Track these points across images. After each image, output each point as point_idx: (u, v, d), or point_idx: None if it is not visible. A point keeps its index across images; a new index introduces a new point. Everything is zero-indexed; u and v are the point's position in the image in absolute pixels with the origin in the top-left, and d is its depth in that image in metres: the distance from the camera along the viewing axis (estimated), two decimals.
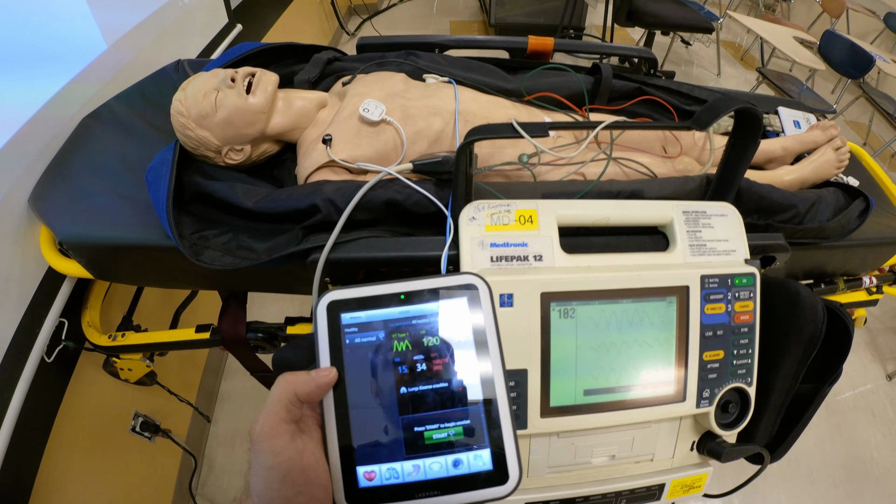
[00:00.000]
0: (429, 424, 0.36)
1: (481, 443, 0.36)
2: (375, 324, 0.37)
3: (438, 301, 0.37)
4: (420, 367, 0.37)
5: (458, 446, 0.36)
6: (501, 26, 3.56)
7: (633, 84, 0.96)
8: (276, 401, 0.34)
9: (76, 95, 0.95)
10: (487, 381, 0.37)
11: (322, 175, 0.74)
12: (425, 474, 0.36)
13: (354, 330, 0.37)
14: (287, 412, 0.34)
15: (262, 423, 0.33)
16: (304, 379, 0.35)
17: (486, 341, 0.37)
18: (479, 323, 0.37)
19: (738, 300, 0.61)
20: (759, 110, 0.61)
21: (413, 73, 0.89)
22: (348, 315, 0.37)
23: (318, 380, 0.35)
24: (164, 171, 0.71)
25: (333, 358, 0.36)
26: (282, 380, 0.35)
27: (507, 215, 0.57)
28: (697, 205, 0.64)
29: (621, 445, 0.62)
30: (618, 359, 0.56)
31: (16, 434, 0.78)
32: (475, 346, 0.37)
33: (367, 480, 0.35)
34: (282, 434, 0.33)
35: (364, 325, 0.37)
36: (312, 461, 0.34)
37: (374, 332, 0.37)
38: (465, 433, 0.36)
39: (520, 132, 0.52)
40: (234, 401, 1.65)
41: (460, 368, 0.37)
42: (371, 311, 0.37)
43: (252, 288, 0.86)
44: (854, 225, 0.85)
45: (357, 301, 0.37)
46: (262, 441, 0.33)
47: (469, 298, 0.38)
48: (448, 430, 0.36)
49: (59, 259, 0.81)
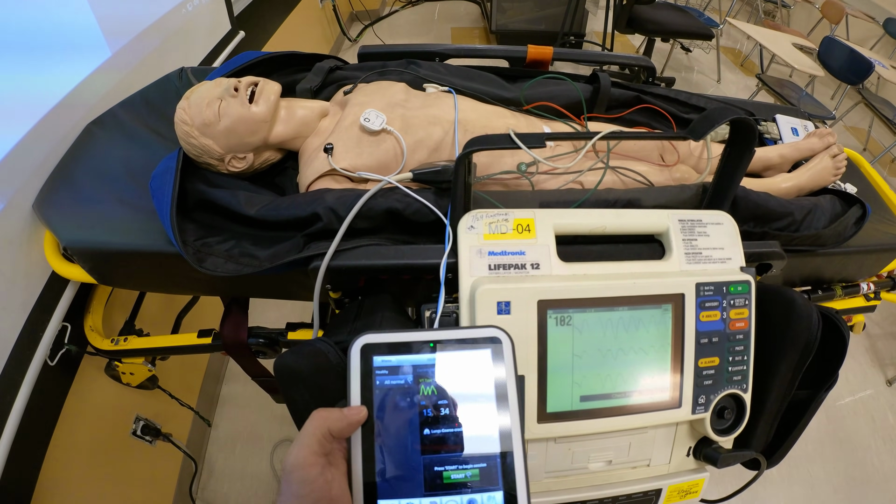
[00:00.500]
0: (448, 465, 0.39)
1: (495, 485, 0.39)
2: (405, 368, 0.40)
3: (464, 350, 0.41)
4: (443, 411, 0.40)
5: (473, 487, 0.39)
6: (502, 33, 3.58)
7: (631, 93, 0.98)
8: (310, 434, 0.36)
9: (80, 101, 0.96)
10: (505, 427, 0.39)
11: (324, 183, 0.75)
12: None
13: (385, 372, 0.40)
14: (319, 446, 0.36)
15: (295, 455, 0.36)
16: (338, 416, 0.38)
17: (505, 391, 0.40)
18: (501, 373, 0.40)
19: (733, 307, 0.62)
20: (753, 121, 0.62)
21: (413, 82, 0.90)
22: (380, 358, 0.40)
23: (350, 418, 0.38)
24: (167, 178, 0.72)
25: (364, 397, 0.39)
26: (317, 415, 0.38)
27: (504, 224, 0.58)
28: (693, 213, 0.65)
29: (618, 451, 0.62)
30: (614, 365, 0.57)
31: (18, 437, 0.79)
32: (495, 395, 0.40)
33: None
34: (313, 465, 0.36)
35: (394, 369, 0.40)
36: (339, 492, 0.37)
37: (403, 375, 0.40)
38: (481, 475, 0.39)
39: (517, 143, 0.53)
40: (235, 405, 1.66)
41: (480, 414, 0.40)
42: (401, 356, 0.40)
43: (254, 294, 0.86)
44: (851, 232, 0.85)
45: (389, 346, 0.40)
46: (295, 471, 0.35)
47: (493, 350, 0.41)
48: (465, 471, 0.39)
49: (63, 264, 0.83)
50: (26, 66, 0.87)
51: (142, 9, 1.23)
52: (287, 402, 0.52)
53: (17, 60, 0.84)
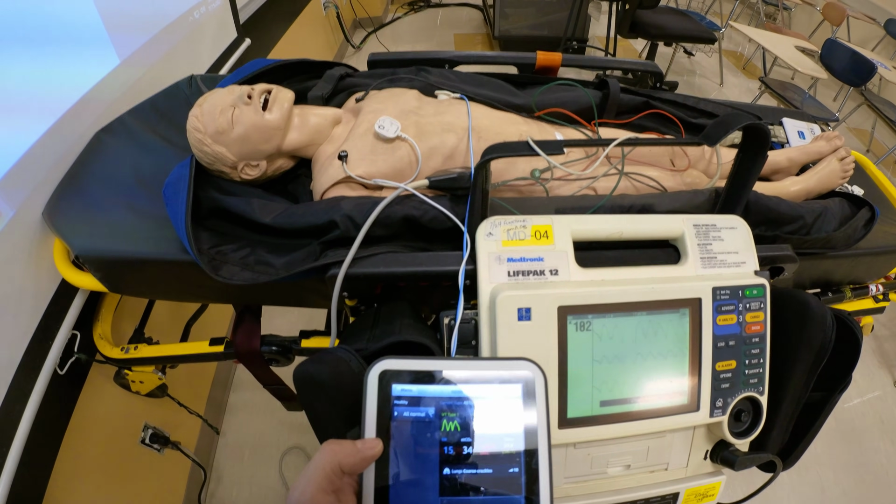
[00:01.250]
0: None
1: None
2: (427, 399, 0.37)
3: (493, 385, 0.37)
4: (466, 450, 0.36)
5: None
6: (505, 39, 3.59)
7: (640, 98, 0.98)
8: (319, 469, 0.33)
9: (89, 109, 0.97)
10: (532, 472, 0.36)
11: (338, 191, 0.75)
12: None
13: (404, 403, 0.36)
14: (328, 482, 0.34)
15: (301, 491, 0.33)
16: (350, 450, 0.34)
17: (535, 432, 0.37)
18: (531, 412, 0.37)
19: (748, 311, 0.62)
20: (766, 126, 0.63)
21: (425, 89, 0.90)
22: (399, 387, 0.37)
23: (364, 452, 0.35)
24: (181, 186, 0.72)
25: (380, 428, 0.36)
26: (327, 448, 0.35)
27: (522, 231, 0.58)
28: (707, 218, 0.65)
29: (636, 455, 0.63)
30: (633, 370, 0.57)
31: (28, 444, 0.79)
32: (524, 436, 0.37)
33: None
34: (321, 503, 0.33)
35: (415, 400, 0.37)
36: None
37: (424, 408, 0.36)
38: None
39: (536, 150, 0.53)
40: (243, 413, 1.66)
41: (506, 456, 0.36)
42: (423, 386, 0.37)
43: (267, 302, 0.86)
44: (860, 234, 0.85)
45: (410, 374, 0.37)
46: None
47: (524, 387, 0.38)
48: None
49: (73, 272, 0.82)
50: (35, 74, 0.87)
51: (150, 17, 1.24)
52: (307, 412, 0.51)
53: (25, 69, 0.85)
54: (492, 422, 0.36)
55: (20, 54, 0.83)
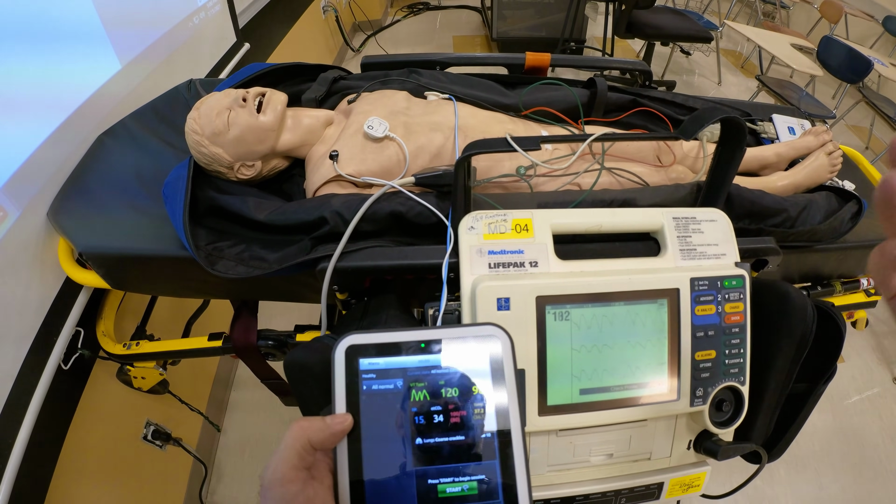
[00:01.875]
0: (443, 477, 0.35)
1: (495, 499, 0.35)
2: (394, 371, 0.36)
3: (460, 351, 0.37)
4: (437, 418, 0.36)
5: (471, 501, 0.35)
6: (504, 40, 3.62)
7: (628, 96, 1.00)
8: (289, 447, 0.33)
9: (92, 113, 1.00)
10: (504, 435, 0.36)
11: (329, 189, 0.77)
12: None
13: (372, 376, 0.36)
14: (299, 459, 0.33)
15: (273, 469, 0.33)
16: (319, 426, 0.34)
17: (504, 395, 0.37)
18: (499, 376, 0.37)
19: (728, 301, 0.63)
20: (743, 119, 0.64)
21: (415, 90, 0.93)
22: (367, 361, 0.36)
23: (332, 427, 0.34)
24: (179, 185, 0.75)
25: (349, 404, 0.36)
26: (296, 426, 0.34)
27: (503, 224, 0.60)
28: (687, 211, 0.67)
29: (619, 444, 0.64)
30: (612, 359, 0.59)
31: (32, 438, 0.81)
32: (494, 400, 0.37)
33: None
34: (293, 481, 0.33)
35: (382, 372, 0.36)
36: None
37: (393, 379, 0.36)
38: (480, 488, 0.35)
39: (513, 146, 0.55)
40: (244, 411, 1.68)
41: (478, 421, 0.36)
42: (390, 357, 0.37)
43: (263, 297, 0.89)
44: (847, 227, 0.86)
45: (376, 347, 0.37)
46: (274, 488, 0.32)
47: (491, 351, 0.37)
48: (462, 483, 0.35)
49: (77, 270, 0.85)
50: (39, 80, 0.90)
51: (150, 23, 1.26)
52: (297, 398, 0.54)
53: (29, 74, 0.88)
54: (461, 388, 0.37)
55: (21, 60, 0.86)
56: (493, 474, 0.36)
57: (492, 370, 0.37)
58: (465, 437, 0.36)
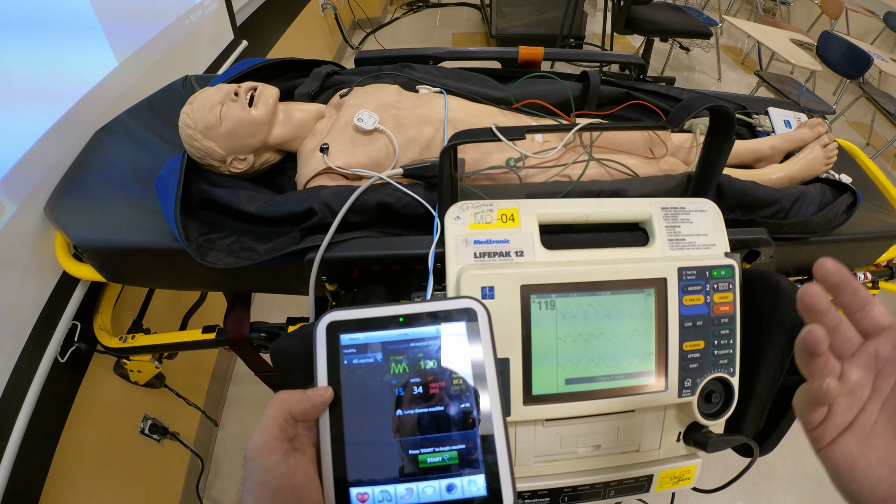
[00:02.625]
0: (423, 448, 0.36)
1: (476, 468, 0.36)
2: (373, 345, 0.37)
3: (437, 325, 0.38)
4: (416, 389, 0.37)
5: (452, 470, 0.36)
6: (503, 37, 3.61)
7: (621, 90, 1.00)
8: (270, 418, 0.34)
9: (89, 110, 1.00)
10: (484, 405, 0.37)
11: (320, 181, 0.78)
12: (418, 498, 0.36)
13: (353, 351, 0.37)
14: (281, 430, 0.34)
15: (255, 440, 0.33)
16: (300, 398, 0.35)
17: (482, 366, 0.37)
18: (477, 347, 0.38)
19: (717, 291, 0.63)
20: (732, 109, 0.64)
21: (407, 84, 0.93)
22: (347, 336, 0.37)
23: (313, 398, 0.35)
24: (172, 179, 0.76)
25: (331, 378, 0.37)
26: (277, 397, 0.35)
27: (489, 214, 0.60)
28: (676, 201, 0.66)
29: (606, 436, 0.64)
30: (598, 349, 0.59)
31: (29, 431, 0.82)
32: (472, 371, 0.37)
33: (359, 502, 0.35)
34: (275, 451, 0.33)
35: (362, 347, 0.37)
36: (305, 480, 0.34)
37: (372, 353, 0.37)
38: (460, 457, 0.36)
39: (498, 136, 0.55)
40: (242, 406, 1.69)
41: (457, 392, 0.37)
42: (370, 332, 0.38)
43: (254, 288, 0.89)
44: (841, 219, 0.86)
45: (356, 322, 0.38)
46: (255, 457, 0.33)
47: (468, 323, 0.38)
48: (443, 454, 0.36)
49: (74, 264, 0.86)
50: (36, 77, 0.91)
51: (147, 20, 1.27)
52: (284, 386, 0.54)
53: (26, 70, 0.88)
54: (439, 360, 0.38)
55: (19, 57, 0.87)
56: (474, 443, 0.36)
57: (469, 341, 0.38)
58: (445, 407, 0.37)
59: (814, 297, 0.30)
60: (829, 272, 0.30)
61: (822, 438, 0.32)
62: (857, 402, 0.31)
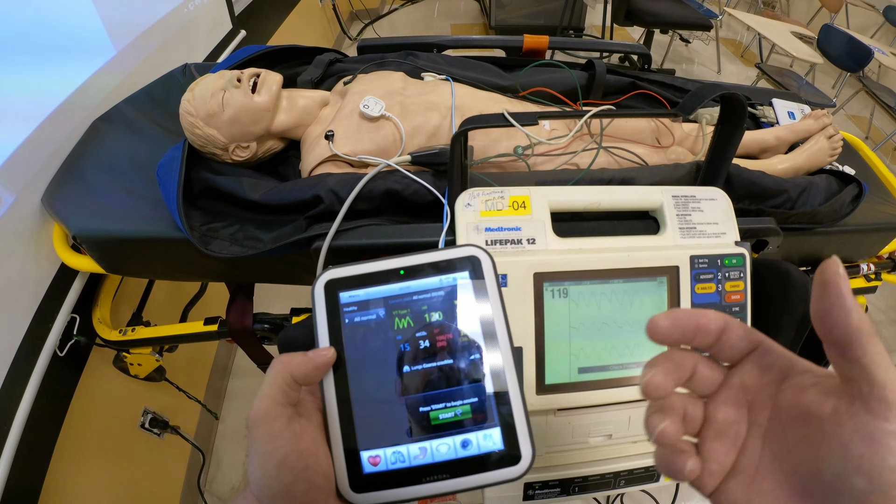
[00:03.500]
0: (434, 404, 0.34)
1: (491, 421, 0.34)
2: (375, 301, 0.35)
3: (440, 275, 0.36)
4: (423, 343, 0.35)
5: (466, 426, 0.34)
6: (502, 28, 3.59)
7: (626, 79, 0.99)
8: (272, 383, 0.32)
9: (86, 99, 0.99)
10: (494, 355, 0.35)
11: (325, 169, 0.76)
12: (433, 457, 0.34)
13: (353, 309, 0.35)
14: (283, 395, 0.32)
15: (257, 407, 0.32)
16: (301, 360, 0.33)
17: (490, 314, 0.35)
18: (483, 296, 0.35)
19: (728, 280, 0.63)
20: (742, 95, 0.63)
21: (412, 72, 0.92)
22: (347, 294, 0.35)
23: (315, 360, 0.33)
24: (173, 167, 0.74)
25: (332, 338, 0.35)
26: (277, 361, 0.33)
27: (500, 201, 0.59)
28: (687, 189, 0.66)
29: (618, 425, 0.63)
30: (611, 337, 0.58)
31: (28, 427, 0.81)
32: (479, 320, 0.35)
33: (371, 465, 0.34)
34: (278, 417, 0.31)
35: (363, 304, 0.35)
36: (311, 446, 0.32)
37: (374, 309, 0.35)
38: (473, 412, 0.34)
39: (510, 121, 0.54)
40: (242, 399, 1.68)
41: (465, 344, 0.35)
42: (370, 288, 0.35)
43: (258, 279, 0.88)
44: (847, 210, 0.86)
45: (355, 279, 0.35)
46: (258, 425, 0.31)
47: (472, 271, 0.36)
48: (455, 409, 0.34)
49: (72, 255, 0.84)
50: (34, 66, 0.89)
51: (145, 9, 1.25)
52: None
53: (25, 60, 0.87)
54: (444, 312, 0.35)
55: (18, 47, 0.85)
56: (486, 396, 0.34)
57: (475, 291, 0.36)
58: (454, 360, 0.35)
59: (657, 388, 0.27)
60: (665, 331, 0.28)
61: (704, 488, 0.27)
62: (734, 441, 0.27)
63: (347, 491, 0.33)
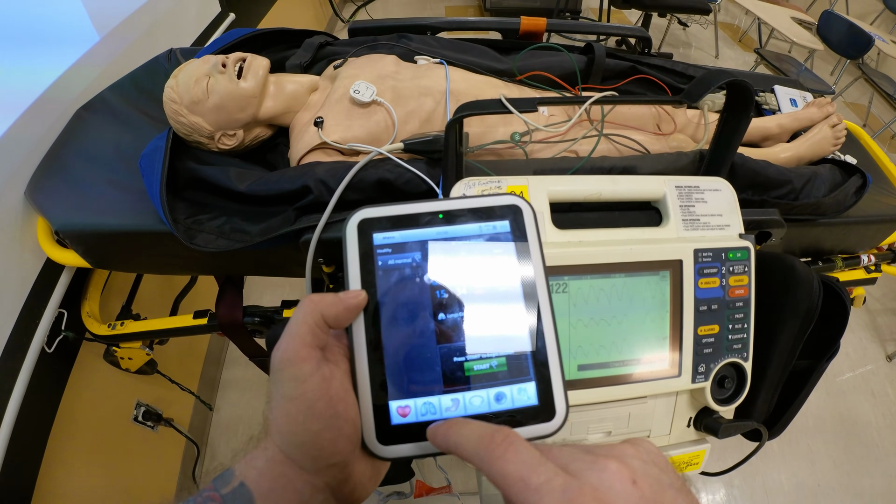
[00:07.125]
0: (469, 354, 0.33)
1: (526, 375, 0.33)
2: (411, 244, 0.33)
3: (479, 222, 0.34)
4: (460, 291, 0.33)
5: (500, 379, 0.33)
6: (496, 11, 3.54)
7: (626, 63, 0.96)
8: (301, 322, 0.30)
9: (69, 87, 0.95)
10: (532, 307, 0.33)
11: (314, 157, 0.74)
12: (465, 409, 0.32)
13: (388, 251, 0.33)
14: (312, 335, 0.30)
15: (284, 348, 0.29)
16: (332, 300, 0.31)
17: (530, 265, 0.34)
18: (523, 246, 0.34)
19: (732, 274, 0.61)
20: (749, 83, 0.61)
21: (405, 55, 0.88)
22: (381, 235, 0.33)
23: (346, 301, 0.31)
24: (157, 157, 0.71)
25: (365, 281, 0.33)
26: (307, 300, 0.31)
27: (497, 191, 0.56)
28: (690, 179, 0.64)
29: (617, 421, 0.62)
30: (611, 334, 0.56)
31: (18, 425, 0.79)
32: (518, 270, 0.34)
33: (400, 416, 0.32)
34: (307, 359, 0.29)
35: (399, 246, 0.33)
36: (341, 392, 0.30)
37: (410, 253, 0.33)
38: (509, 364, 0.33)
39: (508, 107, 0.51)
40: (236, 389, 1.67)
41: (503, 293, 0.33)
42: (406, 230, 0.34)
43: (247, 271, 0.86)
44: (851, 201, 0.84)
45: (391, 219, 0.34)
46: (286, 367, 0.29)
47: (512, 220, 0.34)
48: (490, 360, 0.33)
49: (57, 250, 0.82)
50: (13, 53, 0.86)
51: None
52: None
53: (3, 48, 0.83)
54: (484, 259, 0.34)
55: None
56: (523, 349, 0.33)
57: (514, 239, 0.34)
58: (491, 310, 0.33)
59: None
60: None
61: None
62: None
63: (374, 442, 0.31)
